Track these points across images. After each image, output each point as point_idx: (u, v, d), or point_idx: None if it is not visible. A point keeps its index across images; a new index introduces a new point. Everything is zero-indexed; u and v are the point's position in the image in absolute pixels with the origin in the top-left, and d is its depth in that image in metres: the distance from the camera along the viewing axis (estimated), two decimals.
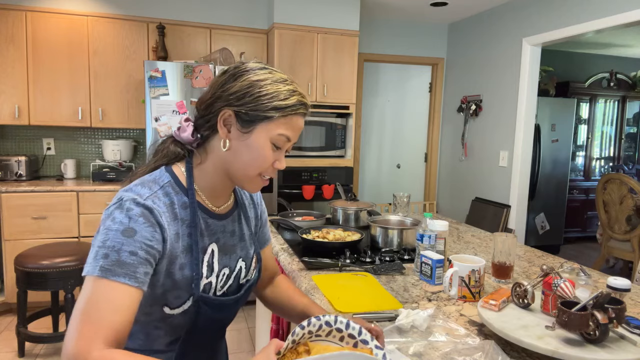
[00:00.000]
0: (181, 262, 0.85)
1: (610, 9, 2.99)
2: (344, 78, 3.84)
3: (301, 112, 0.88)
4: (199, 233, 0.89)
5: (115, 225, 0.77)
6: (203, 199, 0.91)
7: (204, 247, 0.90)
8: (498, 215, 3.89)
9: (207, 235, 0.91)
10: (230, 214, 0.98)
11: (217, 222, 0.94)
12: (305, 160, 3.79)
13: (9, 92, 3.36)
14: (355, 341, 0.83)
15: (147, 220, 0.79)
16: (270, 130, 0.85)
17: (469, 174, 4.43)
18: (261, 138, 0.86)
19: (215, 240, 0.93)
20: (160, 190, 0.84)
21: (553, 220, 5.17)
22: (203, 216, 0.90)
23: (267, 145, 0.86)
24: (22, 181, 3.41)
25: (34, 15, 3.35)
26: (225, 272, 0.94)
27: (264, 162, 0.87)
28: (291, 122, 0.87)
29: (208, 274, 0.90)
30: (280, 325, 1.72)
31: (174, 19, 3.67)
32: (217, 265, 0.93)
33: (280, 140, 0.87)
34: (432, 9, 4.17)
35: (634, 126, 6.09)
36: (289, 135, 0.87)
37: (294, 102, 0.86)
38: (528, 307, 1.09)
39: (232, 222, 0.98)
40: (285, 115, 0.86)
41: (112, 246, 0.75)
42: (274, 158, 0.88)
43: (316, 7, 3.72)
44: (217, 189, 0.92)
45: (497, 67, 4.02)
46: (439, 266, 1.39)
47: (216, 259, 0.92)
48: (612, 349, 0.88)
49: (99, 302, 0.72)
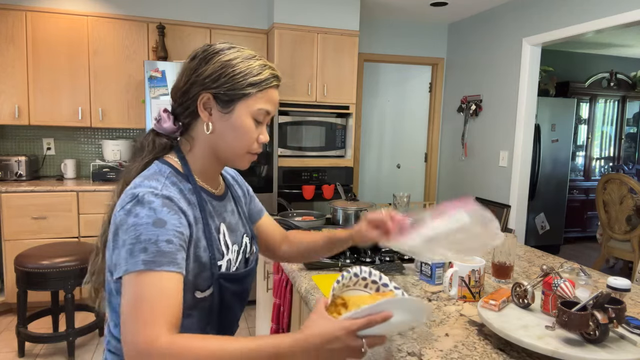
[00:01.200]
0: (203, 244, 0.87)
1: (610, 9, 2.98)
2: (344, 78, 3.84)
3: (274, 84, 0.92)
4: (209, 215, 0.93)
5: (142, 220, 0.77)
6: (202, 183, 0.94)
7: (217, 227, 0.94)
8: (498, 215, 3.90)
9: (216, 216, 0.95)
10: (226, 194, 1.02)
11: (219, 203, 0.98)
12: (305, 160, 3.79)
13: (9, 92, 3.36)
14: (377, 286, 0.93)
15: (171, 209, 0.80)
16: (249, 107, 0.89)
17: (469, 174, 4.43)
18: (242, 115, 0.89)
19: (222, 220, 0.97)
20: (167, 181, 0.86)
21: (553, 220, 5.17)
22: (207, 199, 0.94)
23: (249, 122, 0.89)
24: (22, 181, 3.41)
25: (34, 15, 3.35)
26: (235, 249, 0.98)
27: (249, 139, 0.90)
28: (267, 95, 0.90)
29: (225, 250, 0.94)
30: (280, 325, 1.72)
31: (174, 19, 3.67)
32: (230, 243, 0.97)
33: (261, 114, 0.90)
34: (432, 9, 4.17)
35: (634, 126, 6.08)
36: (268, 108, 0.91)
37: (267, 75, 0.90)
38: (528, 307, 1.09)
39: (229, 201, 1.03)
40: (261, 90, 0.89)
41: (148, 239, 0.75)
42: (257, 133, 0.92)
43: (316, 7, 3.72)
44: (209, 172, 0.96)
45: (497, 67, 4.02)
46: (439, 266, 1.39)
47: (228, 238, 0.97)
48: (612, 349, 0.88)
49: (152, 293, 0.72)
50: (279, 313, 1.72)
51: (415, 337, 1.04)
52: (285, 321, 1.68)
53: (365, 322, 0.74)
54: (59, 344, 2.80)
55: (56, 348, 2.79)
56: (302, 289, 1.36)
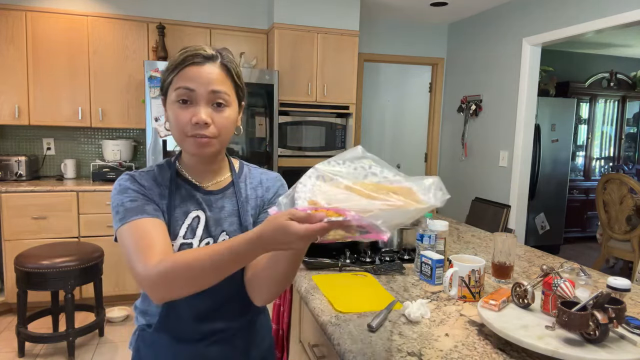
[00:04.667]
0: (165, 218, 0.97)
1: (610, 9, 2.98)
2: (344, 78, 3.84)
3: (190, 62, 0.93)
4: (182, 198, 1.01)
5: (114, 192, 0.97)
6: (189, 177, 1.03)
7: (187, 211, 1.00)
8: (498, 215, 3.89)
9: (192, 203, 1.01)
10: (222, 191, 1.05)
11: (204, 195, 1.03)
12: (305, 160, 3.79)
13: (9, 92, 3.36)
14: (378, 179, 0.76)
15: (133, 182, 0.98)
16: (171, 92, 0.95)
17: (469, 174, 4.43)
18: (170, 103, 0.96)
19: (202, 209, 1.01)
20: (155, 167, 1.03)
21: (553, 220, 5.17)
22: (187, 187, 1.02)
23: (174, 106, 0.94)
24: (22, 181, 3.41)
25: (34, 15, 3.35)
26: (209, 241, 1.01)
27: (179, 122, 0.93)
28: (183, 73, 0.93)
29: (189, 236, 0.99)
30: (280, 325, 1.72)
31: (174, 19, 3.67)
32: (200, 232, 1.00)
33: (180, 93, 0.92)
34: (432, 8, 4.17)
35: (634, 126, 6.08)
36: (185, 85, 0.92)
37: (181, 58, 0.93)
38: (528, 307, 1.09)
39: (224, 198, 1.05)
40: (177, 72, 0.93)
41: (118, 204, 0.94)
42: (189, 114, 0.92)
43: (316, 7, 3.72)
44: (196, 166, 1.03)
45: (497, 67, 4.02)
46: (439, 266, 1.39)
47: (201, 226, 1.00)
48: (612, 349, 0.88)
49: (131, 239, 0.88)
50: (279, 313, 1.72)
51: (415, 337, 1.04)
52: (285, 321, 1.68)
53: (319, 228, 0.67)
54: (59, 344, 2.80)
55: (56, 348, 2.79)
56: (302, 289, 1.36)
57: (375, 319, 1.10)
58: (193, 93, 0.92)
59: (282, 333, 1.69)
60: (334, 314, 1.16)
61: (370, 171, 0.76)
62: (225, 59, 0.97)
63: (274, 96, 3.48)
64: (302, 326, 1.51)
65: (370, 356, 0.95)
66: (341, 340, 1.02)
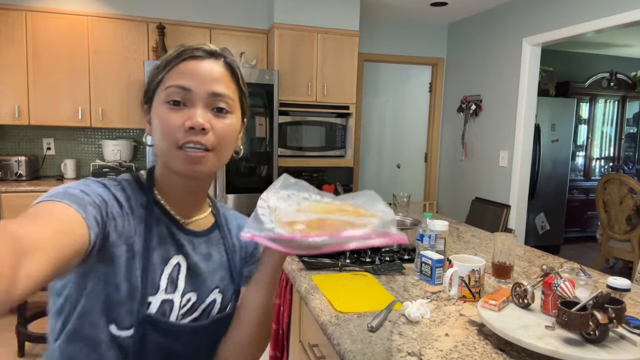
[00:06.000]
0: (138, 264, 0.71)
1: (610, 9, 2.98)
2: (344, 78, 3.84)
3: (190, 55, 0.75)
4: (160, 238, 0.76)
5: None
6: (167, 208, 0.79)
7: (166, 257, 0.76)
8: (498, 215, 3.89)
9: (173, 245, 0.77)
10: (206, 234, 0.84)
11: (185, 236, 0.80)
12: (305, 160, 3.79)
13: (9, 92, 3.36)
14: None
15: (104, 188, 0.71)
16: (161, 92, 0.74)
17: (469, 174, 4.43)
18: (157, 105, 0.74)
19: (183, 253, 0.78)
20: (116, 186, 0.74)
21: (553, 220, 5.17)
22: (166, 222, 0.77)
23: (162, 108, 0.73)
24: (22, 181, 3.41)
25: (34, 15, 3.35)
26: (191, 298, 0.78)
27: (168, 129, 0.72)
28: (178, 69, 0.74)
29: (170, 289, 0.74)
30: (280, 325, 1.72)
31: (174, 19, 3.67)
32: (182, 284, 0.76)
33: (173, 93, 0.72)
34: (432, 9, 4.17)
35: (634, 126, 6.08)
36: (179, 83, 0.73)
37: (177, 52, 0.75)
38: (528, 307, 1.09)
39: (209, 244, 0.83)
40: (171, 69, 0.74)
41: (58, 190, 0.64)
42: (182, 118, 0.72)
43: (316, 7, 3.72)
44: (176, 193, 0.79)
45: (497, 67, 4.02)
46: (439, 266, 1.39)
47: (182, 277, 0.77)
48: (612, 349, 0.88)
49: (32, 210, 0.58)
50: (279, 313, 1.72)
51: (415, 337, 1.04)
52: (285, 321, 1.68)
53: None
54: None
55: None
56: (302, 289, 1.36)
57: (375, 319, 1.10)
58: (189, 93, 0.72)
59: (281, 333, 1.69)
60: (334, 313, 1.16)
61: (303, 197, 0.74)
62: (230, 59, 0.79)
63: (274, 96, 3.49)
64: (302, 326, 1.51)
65: (370, 356, 0.95)
66: (341, 340, 1.02)
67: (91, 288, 0.68)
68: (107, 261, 0.68)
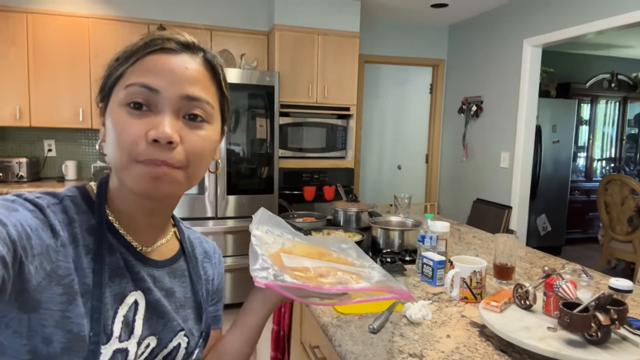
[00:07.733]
0: (82, 307, 0.56)
1: (611, 10, 2.98)
2: (344, 79, 3.85)
3: (160, 47, 0.59)
4: (113, 271, 0.60)
5: None
6: (123, 233, 0.64)
7: (122, 295, 0.61)
8: (499, 216, 3.89)
9: (129, 279, 0.62)
10: (169, 264, 0.69)
11: (145, 267, 0.65)
12: (305, 161, 3.79)
13: (10, 94, 3.37)
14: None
15: (35, 213, 0.55)
16: (119, 91, 0.58)
17: (470, 175, 4.43)
18: (113, 107, 0.59)
19: (142, 289, 0.63)
20: (56, 205, 0.59)
21: (554, 221, 5.16)
22: (121, 250, 0.62)
23: (120, 112, 0.57)
24: (23, 182, 3.41)
25: (35, 17, 3.35)
26: (150, 343, 0.63)
27: (122, 137, 0.56)
28: (145, 63, 0.58)
29: (124, 336, 0.59)
30: (281, 326, 1.71)
31: (174, 21, 3.67)
32: (139, 328, 0.62)
33: (134, 93, 0.57)
34: (432, 10, 4.17)
35: (635, 127, 6.08)
36: (143, 81, 0.57)
37: (146, 41, 0.60)
38: (530, 308, 1.08)
39: (172, 276, 0.69)
40: (134, 63, 0.58)
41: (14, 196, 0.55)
42: (144, 126, 0.56)
43: (317, 8, 3.72)
44: (133, 214, 0.65)
45: (498, 68, 4.02)
46: (440, 267, 1.39)
47: (140, 318, 0.62)
48: (614, 351, 0.88)
49: None
50: (280, 314, 1.72)
51: (416, 339, 1.04)
52: (286, 322, 1.67)
53: None
54: None
55: None
56: None
57: (377, 321, 1.09)
58: (155, 95, 0.57)
59: (283, 334, 1.69)
60: (335, 315, 1.16)
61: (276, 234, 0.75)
62: (210, 55, 0.63)
63: (274, 97, 3.49)
64: (303, 327, 1.51)
65: (371, 357, 0.95)
66: (342, 342, 1.02)
67: (6, 344, 0.52)
68: (29, 309, 0.52)
